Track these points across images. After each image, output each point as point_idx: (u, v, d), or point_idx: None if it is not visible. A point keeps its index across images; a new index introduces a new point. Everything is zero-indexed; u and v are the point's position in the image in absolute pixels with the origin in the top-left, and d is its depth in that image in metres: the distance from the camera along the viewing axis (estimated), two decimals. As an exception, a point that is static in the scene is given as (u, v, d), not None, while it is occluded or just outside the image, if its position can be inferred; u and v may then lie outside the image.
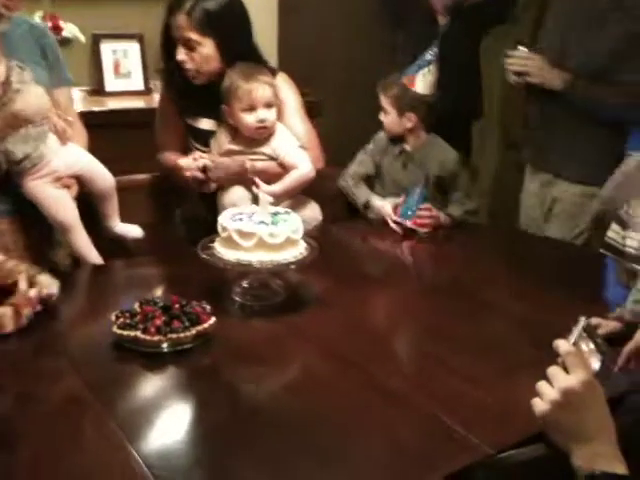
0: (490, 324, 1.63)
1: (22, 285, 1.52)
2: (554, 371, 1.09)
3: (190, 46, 2.09)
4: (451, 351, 1.50)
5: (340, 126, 2.75)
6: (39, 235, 1.94)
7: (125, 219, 2.05)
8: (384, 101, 2.46)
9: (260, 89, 2.05)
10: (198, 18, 2.06)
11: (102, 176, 1.98)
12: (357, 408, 1.31)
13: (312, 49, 3.64)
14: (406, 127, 2.41)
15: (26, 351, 1.46)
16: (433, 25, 3.20)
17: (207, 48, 2.09)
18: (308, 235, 1.75)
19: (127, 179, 2.15)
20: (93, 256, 1.95)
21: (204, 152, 2.16)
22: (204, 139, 2.21)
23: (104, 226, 2.02)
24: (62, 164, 1.89)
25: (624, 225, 2.34)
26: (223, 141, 2.14)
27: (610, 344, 1.30)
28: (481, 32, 3.17)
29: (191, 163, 2.11)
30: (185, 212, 2.37)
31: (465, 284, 1.89)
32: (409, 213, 2.25)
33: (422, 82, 2.51)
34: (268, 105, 2.07)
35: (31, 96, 1.82)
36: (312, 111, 2.29)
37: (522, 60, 2.41)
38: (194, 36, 2.07)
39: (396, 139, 2.45)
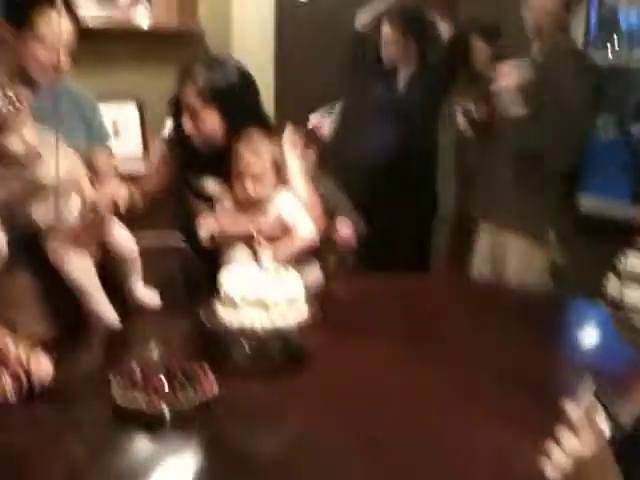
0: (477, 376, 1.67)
1: (11, 350, 1.48)
2: (566, 437, 1.07)
3: (196, 117, 2.10)
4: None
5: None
6: (56, 293, 1.89)
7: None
8: None
9: (251, 159, 2.04)
10: (206, 92, 2.07)
11: (125, 241, 1.96)
12: (358, 468, 1.32)
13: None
14: None
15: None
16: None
17: (212, 120, 2.10)
18: (309, 296, 1.76)
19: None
20: (111, 318, 1.91)
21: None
22: (205, 197, 2.22)
23: (126, 288, 2.00)
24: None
25: (621, 277, 2.35)
26: (227, 201, 2.15)
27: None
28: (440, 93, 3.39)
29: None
30: (185, 268, 2.37)
31: (450, 334, 1.94)
32: None
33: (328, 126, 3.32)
34: (256, 177, 2.05)
35: (54, 162, 1.74)
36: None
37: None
38: (200, 108, 2.09)
39: None
